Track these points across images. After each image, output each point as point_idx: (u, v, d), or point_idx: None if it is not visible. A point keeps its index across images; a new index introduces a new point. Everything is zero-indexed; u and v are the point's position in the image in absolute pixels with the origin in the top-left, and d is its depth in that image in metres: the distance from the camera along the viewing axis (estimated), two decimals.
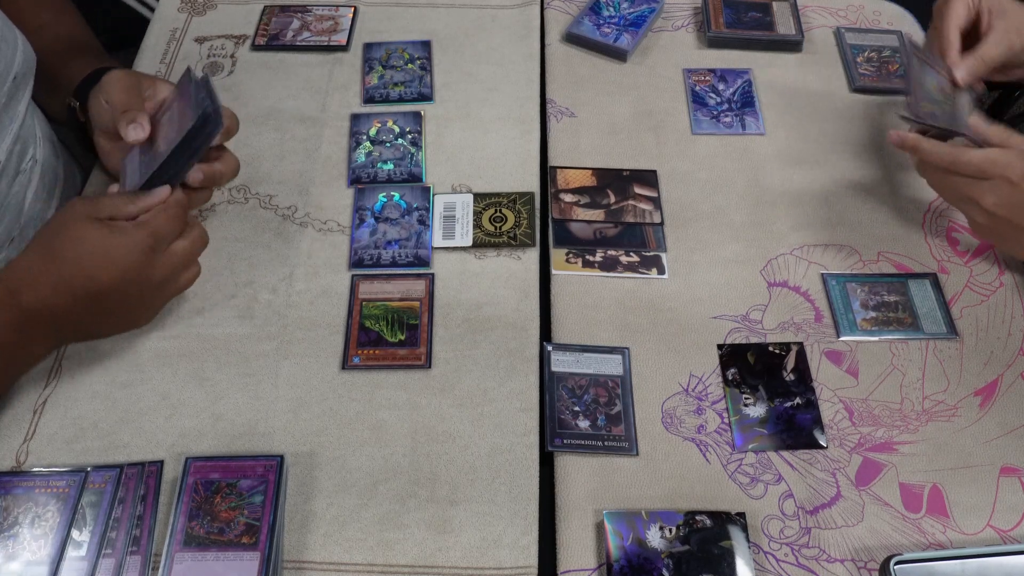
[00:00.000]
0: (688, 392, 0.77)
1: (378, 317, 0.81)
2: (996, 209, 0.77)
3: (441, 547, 0.68)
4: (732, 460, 0.73)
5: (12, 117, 0.81)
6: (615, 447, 0.73)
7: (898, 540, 0.69)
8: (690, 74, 1.04)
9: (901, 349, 0.80)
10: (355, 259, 0.86)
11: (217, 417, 0.75)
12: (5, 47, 0.78)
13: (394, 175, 0.93)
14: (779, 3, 1.10)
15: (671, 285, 0.84)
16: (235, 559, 0.65)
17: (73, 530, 0.66)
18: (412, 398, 0.76)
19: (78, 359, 0.78)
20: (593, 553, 0.68)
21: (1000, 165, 0.76)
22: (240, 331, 0.80)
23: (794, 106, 1.01)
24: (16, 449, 0.73)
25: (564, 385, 0.77)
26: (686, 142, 0.97)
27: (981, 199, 0.77)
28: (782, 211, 0.91)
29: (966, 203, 0.79)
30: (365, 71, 1.04)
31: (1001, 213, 0.76)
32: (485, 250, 0.87)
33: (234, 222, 0.89)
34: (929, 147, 0.80)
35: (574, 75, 1.04)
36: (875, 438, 0.75)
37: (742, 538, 0.67)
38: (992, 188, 0.76)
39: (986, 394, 0.77)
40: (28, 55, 0.82)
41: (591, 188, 0.92)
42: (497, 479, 0.72)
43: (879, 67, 1.04)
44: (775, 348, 0.80)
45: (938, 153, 0.80)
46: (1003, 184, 0.76)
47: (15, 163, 0.82)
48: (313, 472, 0.72)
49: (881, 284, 0.84)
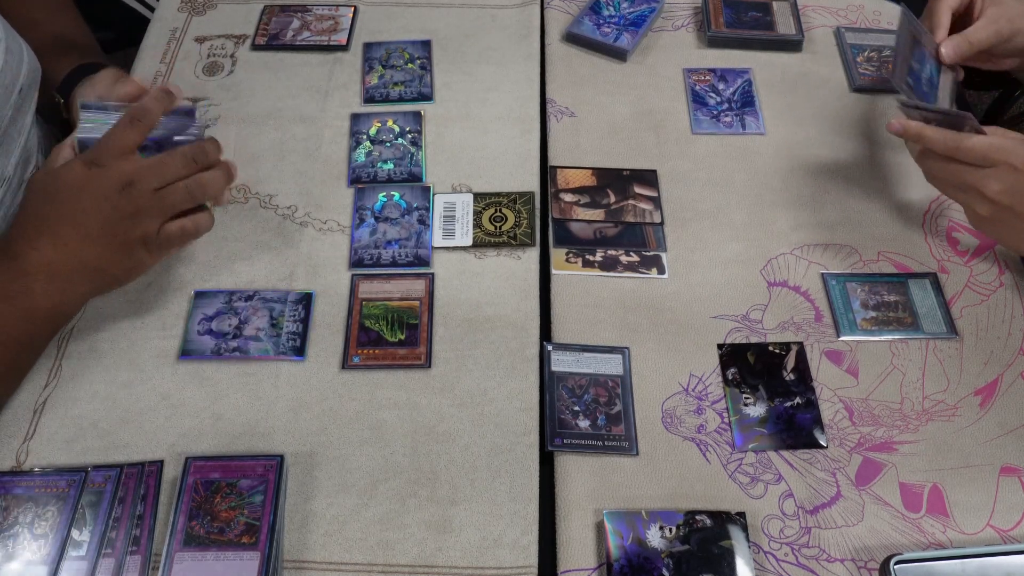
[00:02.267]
0: (688, 392, 0.77)
1: (378, 317, 0.81)
2: (1000, 197, 0.76)
3: (441, 547, 0.68)
4: (732, 460, 0.73)
5: (20, 130, 0.81)
6: (615, 447, 0.73)
7: (898, 540, 0.69)
8: (690, 74, 1.04)
9: (901, 349, 0.80)
10: (355, 259, 0.86)
11: (217, 417, 0.75)
12: (12, 59, 0.78)
13: (394, 175, 0.93)
14: (779, 3, 1.10)
15: (671, 285, 0.84)
16: (235, 559, 0.65)
17: (73, 530, 0.66)
18: (412, 398, 0.76)
19: (78, 359, 0.78)
20: (593, 553, 0.68)
21: (1004, 151, 0.75)
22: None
23: (794, 106, 1.01)
24: (16, 449, 0.73)
25: (564, 385, 0.77)
26: (686, 142, 0.97)
27: (984, 187, 0.76)
28: (782, 211, 0.91)
29: (968, 192, 0.78)
30: (365, 71, 1.04)
31: (1005, 201, 0.75)
32: (485, 250, 0.87)
33: (234, 222, 0.89)
34: (932, 134, 0.79)
35: (574, 75, 1.04)
36: (875, 438, 0.75)
37: (742, 538, 0.67)
38: (996, 175, 0.75)
39: (986, 394, 0.77)
40: (33, 67, 0.82)
41: (591, 188, 0.92)
42: (497, 479, 0.72)
43: (879, 67, 1.04)
44: (775, 348, 0.80)
45: (941, 140, 0.79)
46: (1007, 171, 0.75)
47: (19, 175, 0.82)
48: (313, 472, 0.72)
49: (881, 284, 0.84)
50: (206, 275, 0.84)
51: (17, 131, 0.80)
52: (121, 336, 0.80)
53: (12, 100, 0.78)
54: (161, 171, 0.72)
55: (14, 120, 0.79)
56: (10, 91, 0.78)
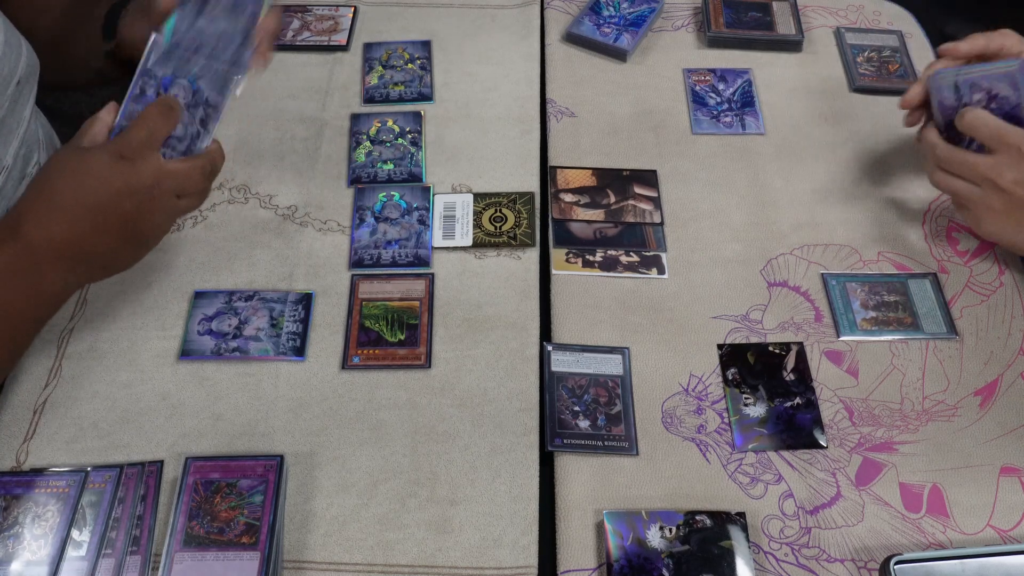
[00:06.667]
0: (688, 392, 0.77)
1: (378, 317, 0.81)
2: (1015, 188, 0.75)
3: (441, 547, 0.68)
4: (732, 460, 0.73)
5: (19, 121, 0.81)
6: (615, 447, 0.73)
7: (898, 540, 0.69)
8: (690, 74, 1.04)
9: (901, 349, 0.80)
10: (355, 259, 0.86)
11: (217, 417, 0.75)
12: (10, 51, 0.78)
13: (394, 175, 0.93)
14: (779, 3, 1.10)
15: (671, 285, 0.84)
16: (235, 559, 0.65)
17: (73, 530, 0.66)
18: (412, 398, 0.76)
19: (78, 359, 0.78)
20: (593, 553, 0.68)
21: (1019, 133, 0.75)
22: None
23: (794, 106, 1.01)
24: (16, 449, 0.73)
25: (564, 385, 0.77)
26: (686, 142, 0.97)
27: (999, 177, 0.75)
28: (782, 211, 0.91)
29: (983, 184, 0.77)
30: (365, 71, 1.04)
31: (1020, 193, 0.74)
32: (485, 250, 0.87)
33: (234, 222, 0.89)
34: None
35: (574, 75, 1.04)
36: (875, 438, 0.75)
37: (742, 538, 0.67)
38: (1010, 164, 0.74)
39: (986, 394, 0.77)
40: (31, 60, 0.83)
41: (591, 188, 0.92)
42: (497, 479, 0.72)
43: (879, 67, 1.04)
44: (775, 348, 0.80)
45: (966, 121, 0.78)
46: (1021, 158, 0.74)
47: (20, 166, 0.82)
48: (313, 472, 0.72)
49: (881, 284, 0.84)
50: (206, 275, 0.84)
51: (16, 122, 0.81)
52: (121, 336, 0.80)
53: (9, 91, 0.78)
54: (184, 180, 0.72)
55: (12, 110, 0.80)
56: (8, 82, 0.78)
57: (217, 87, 0.74)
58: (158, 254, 0.82)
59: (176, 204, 0.73)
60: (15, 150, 0.81)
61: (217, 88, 0.74)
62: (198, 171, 0.73)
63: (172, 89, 0.74)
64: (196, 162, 0.74)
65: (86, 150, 0.71)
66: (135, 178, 0.70)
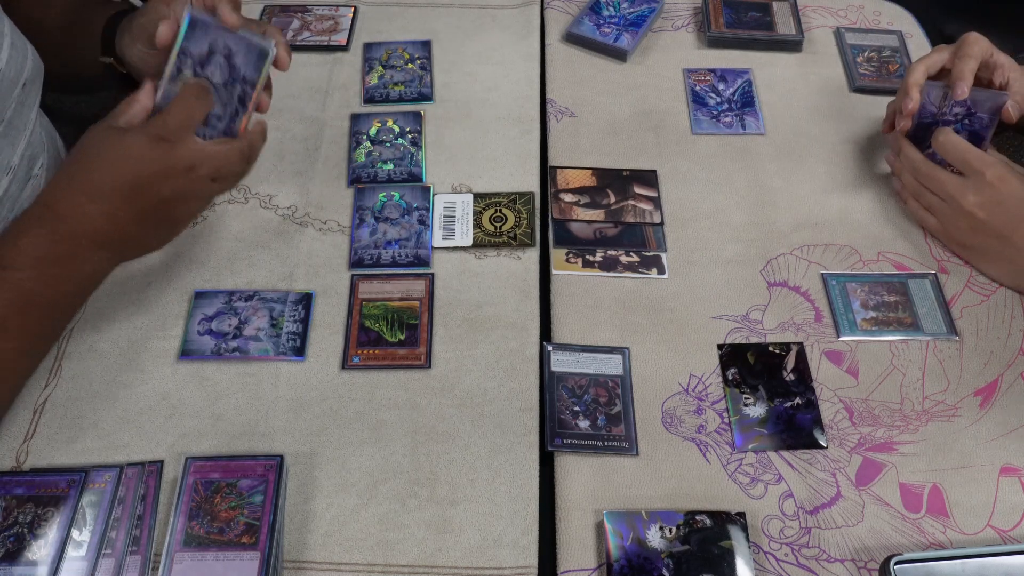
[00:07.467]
0: (688, 392, 0.77)
1: (378, 317, 0.81)
2: (976, 210, 0.79)
3: (441, 547, 0.68)
4: (732, 460, 0.73)
5: (25, 122, 0.81)
6: (615, 447, 0.73)
7: (898, 540, 0.69)
8: (690, 74, 1.04)
9: (901, 349, 0.80)
10: (355, 259, 0.86)
11: (217, 417, 0.75)
12: (16, 54, 0.79)
13: (394, 175, 0.93)
14: (779, 3, 1.10)
15: (671, 285, 0.84)
16: (235, 559, 0.65)
17: (73, 530, 0.66)
18: (412, 398, 0.76)
19: (78, 359, 0.78)
20: (593, 553, 0.68)
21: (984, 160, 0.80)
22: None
23: (794, 106, 1.01)
24: (16, 449, 0.73)
25: (564, 385, 0.77)
26: (686, 142, 0.97)
27: (963, 198, 0.80)
28: (782, 211, 0.91)
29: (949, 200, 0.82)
30: (365, 71, 1.04)
31: (981, 215, 0.79)
32: (485, 250, 0.87)
33: (234, 222, 0.89)
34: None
35: (574, 75, 1.04)
36: (875, 438, 0.75)
37: (742, 538, 0.67)
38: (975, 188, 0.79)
39: (986, 394, 0.77)
40: (36, 62, 0.83)
41: (591, 188, 0.92)
42: (497, 479, 0.72)
43: (879, 67, 1.04)
44: (775, 348, 0.80)
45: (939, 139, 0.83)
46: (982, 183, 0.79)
47: (26, 168, 0.82)
48: (313, 472, 0.72)
49: (881, 284, 0.84)
50: (206, 275, 0.84)
51: (23, 123, 0.81)
52: (121, 336, 0.80)
53: (16, 93, 0.79)
54: (221, 163, 0.73)
55: (19, 112, 0.80)
56: (14, 84, 0.78)
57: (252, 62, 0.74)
58: (158, 254, 0.83)
59: (211, 187, 0.73)
60: (22, 151, 0.81)
61: (252, 63, 0.74)
62: (236, 153, 0.74)
63: (208, 67, 0.74)
64: (235, 144, 0.74)
65: (124, 132, 0.71)
66: (173, 161, 0.70)
